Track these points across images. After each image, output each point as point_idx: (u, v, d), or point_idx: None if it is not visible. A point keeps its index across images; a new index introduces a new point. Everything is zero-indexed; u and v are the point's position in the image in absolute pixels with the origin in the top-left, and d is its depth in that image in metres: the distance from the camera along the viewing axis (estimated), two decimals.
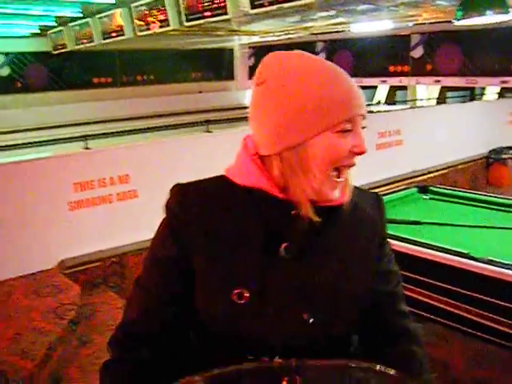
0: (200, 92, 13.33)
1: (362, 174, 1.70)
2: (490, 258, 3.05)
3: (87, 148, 4.84)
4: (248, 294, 1.15)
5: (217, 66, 14.10)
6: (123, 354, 1.23)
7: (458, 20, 5.04)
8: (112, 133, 6.33)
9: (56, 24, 9.84)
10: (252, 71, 14.08)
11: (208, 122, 6.20)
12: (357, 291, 1.25)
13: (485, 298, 3.04)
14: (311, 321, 1.17)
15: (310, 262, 1.21)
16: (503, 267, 2.95)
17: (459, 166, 8.42)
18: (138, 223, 4.62)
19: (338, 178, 1.19)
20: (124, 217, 4.78)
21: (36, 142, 5.78)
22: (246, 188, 1.20)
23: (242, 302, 1.15)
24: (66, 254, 4.52)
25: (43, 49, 11.15)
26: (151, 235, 1.26)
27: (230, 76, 14.21)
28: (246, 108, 7.68)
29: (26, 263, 4.31)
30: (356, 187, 1.30)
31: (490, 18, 4.92)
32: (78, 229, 4.56)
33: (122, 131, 6.61)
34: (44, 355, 3.14)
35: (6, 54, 11.11)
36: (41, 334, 3.34)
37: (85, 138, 4.84)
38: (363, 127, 1.19)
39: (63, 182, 4.47)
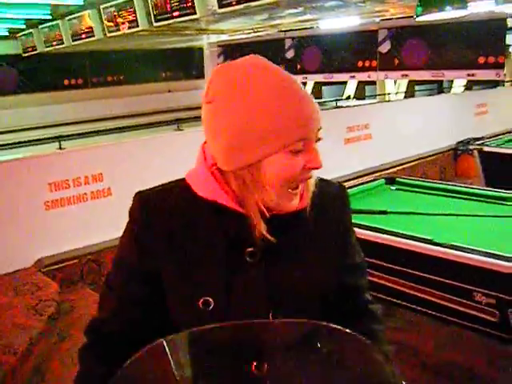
0: (169, 91, 13.39)
1: (331, 169, 1.76)
2: (453, 243, 3.19)
3: (61, 148, 4.91)
4: (213, 301, 1.18)
5: (186, 65, 14.18)
6: (94, 341, 1.29)
7: (418, 16, 5.21)
8: (85, 133, 6.38)
9: (25, 26, 9.85)
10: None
11: (178, 120, 6.27)
12: (322, 288, 1.28)
13: (448, 281, 3.20)
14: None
15: (275, 264, 1.22)
16: (464, 251, 3.09)
17: (428, 158, 8.61)
18: (113, 220, 4.63)
19: (294, 189, 1.20)
20: (99, 215, 4.85)
21: (9, 144, 5.80)
22: (205, 199, 1.21)
23: (209, 309, 1.18)
24: (43, 253, 4.58)
25: (13, 51, 11.15)
26: None
27: (200, 75, 14.28)
28: None
29: (4, 262, 4.36)
30: (320, 179, 1.31)
31: (449, 14, 5.08)
32: (55, 228, 4.63)
33: (94, 131, 6.65)
34: (26, 350, 3.22)
35: None
36: (22, 329, 3.42)
37: (58, 138, 4.90)
38: (318, 139, 1.19)
39: (38, 183, 4.53)
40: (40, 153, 4.99)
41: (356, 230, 1.43)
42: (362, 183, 4.84)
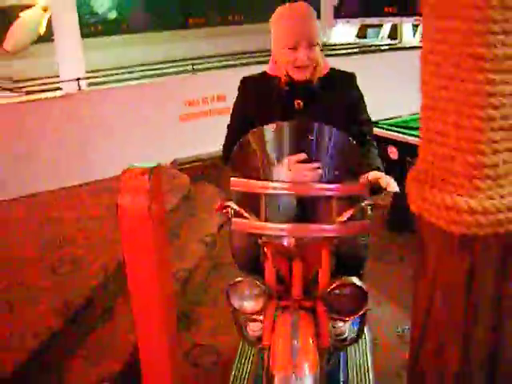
0: None
1: None
2: None
3: (194, 72, 6.10)
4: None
5: None
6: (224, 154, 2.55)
7: None
8: (214, 62, 7.29)
9: None
10: (337, 11, 14.75)
11: None
12: (340, 126, 2.21)
13: None
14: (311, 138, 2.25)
15: (312, 110, 2.29)
16: None
17: None
18: None
19: (297, 68, 2.26)
20: (220, 128, 6.01)
21: (151, 69, 6.89)
22: (273, 76, 2.39)
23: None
24: (177, 155, 5.91)
25: None
26: None
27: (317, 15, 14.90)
28: (330, 45, 8.65)
29: (149, 160, 5.65)
30: (334, 68, 2.43)
31: None
32: (187, 135, 5.89)
33: (222, 62, 7.48)
34: (167, 214, 4.44)
35: None
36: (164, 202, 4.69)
37: (192, 65, 6.07)
38: (315, 45, 2.24)
39: (176, 99, 5.83)
40: (178, 76, 6.23)
41: None
42: None
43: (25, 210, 4.82)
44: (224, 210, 2.15)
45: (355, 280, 2.03)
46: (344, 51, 8.45)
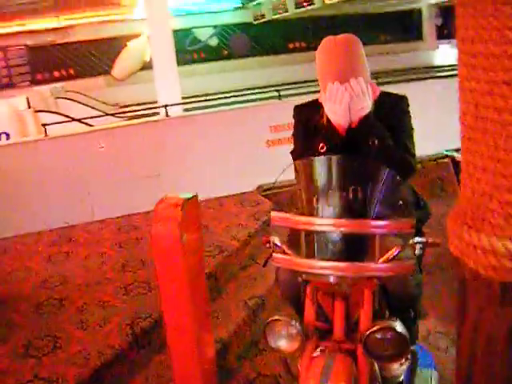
0: (387, 53, 13.86)
1: None
2: None
3: (280, 98, 6.07)
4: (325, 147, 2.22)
5: (404, 27, 14.49)
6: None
7: None
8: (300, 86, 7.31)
9: None
10: (440, 31, 14.29)
11: (399, 81, 6.85)
12: None
13: None
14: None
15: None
16: None
17: None
18: None
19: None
20: None
21: (240, 95, 7.00)
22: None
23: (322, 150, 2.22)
24: (263, 181, 5.88)
25: (245, 20, 12.74)
26: None
27: (419, 36, 14.50)
28: (434, 68, 8.31)
29: (234, 187, 5.72)
30: (388, 93, 2.38)
31: None
32: (273, 161, 5.83)
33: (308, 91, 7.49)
34: (245, 240, 4.49)
35: (214, 26, 12.85)
36: (244, 227, 4.70)
37: (278, 90, 6.05)
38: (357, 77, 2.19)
39: (262, 125, 5.82)
40: (263, 102, 6.26)
41: None
42: None
43: (111, 232, 5.05)
44: (267, 245, 2.10)
45: (397, 325, 1.88)
46: (446, 73, 8.08)
